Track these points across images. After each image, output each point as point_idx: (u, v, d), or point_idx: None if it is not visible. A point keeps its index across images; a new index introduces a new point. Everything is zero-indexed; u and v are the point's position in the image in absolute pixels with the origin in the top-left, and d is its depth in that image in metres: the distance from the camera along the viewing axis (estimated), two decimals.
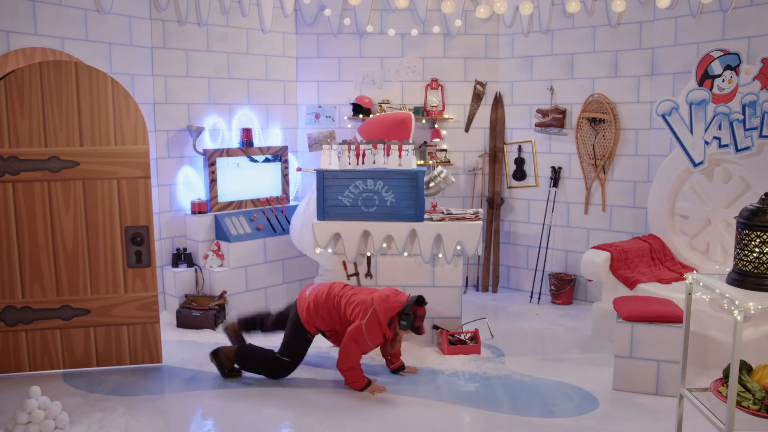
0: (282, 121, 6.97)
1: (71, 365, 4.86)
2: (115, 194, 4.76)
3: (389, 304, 4.40)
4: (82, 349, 4.86)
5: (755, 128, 5.10)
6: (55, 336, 4.80)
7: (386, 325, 4.39)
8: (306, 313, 4.54)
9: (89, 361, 4.89)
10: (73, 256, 4.75)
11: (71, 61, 4.70)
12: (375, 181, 5.14)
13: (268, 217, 6.48)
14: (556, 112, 6.60)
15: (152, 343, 4.96)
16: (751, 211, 3.13)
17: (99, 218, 4.76)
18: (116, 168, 4.74)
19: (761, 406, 3.10)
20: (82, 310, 4.82)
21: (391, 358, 4.78)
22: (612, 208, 6.46)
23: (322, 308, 4.54)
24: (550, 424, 4.02)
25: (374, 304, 4.39)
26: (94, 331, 4.86)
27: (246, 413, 4.18)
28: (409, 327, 4.42)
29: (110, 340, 4.90)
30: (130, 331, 4.91)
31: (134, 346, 4.93)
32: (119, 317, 4.88)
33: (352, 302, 4.49)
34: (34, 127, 4.59)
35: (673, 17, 5.83)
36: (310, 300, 4.57)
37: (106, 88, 4.68)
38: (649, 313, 4.41)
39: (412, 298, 4.45)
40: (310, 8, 6.80)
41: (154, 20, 5.89)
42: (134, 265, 4.83)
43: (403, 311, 4.39)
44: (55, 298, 4.76)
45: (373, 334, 4.36)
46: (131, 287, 4.87)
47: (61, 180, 4.66)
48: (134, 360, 4.94)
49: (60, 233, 4.71)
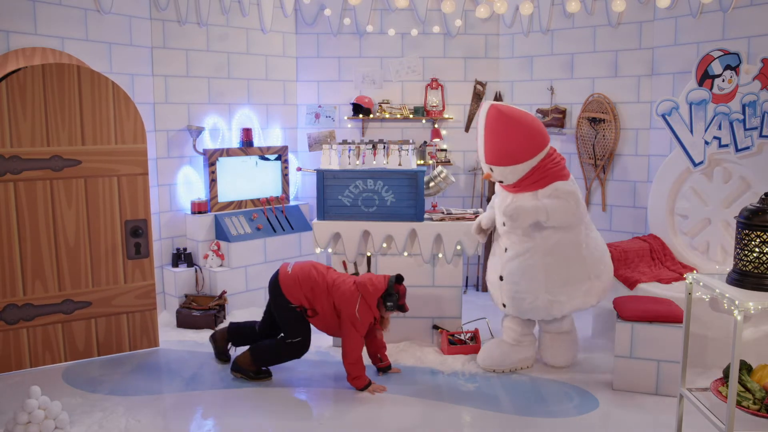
0: (282, 121, 6.97)
1: (73, 357, 5.01)
2: (116, 190, 5.02)
3: (374, 287, 4.46)
4: (83, 341, 5.04)
5: (755, 128, 5.10)
6: (57, 330, 4.93)
7: (376, 307, 4.48)
8: (289, 286, 4.51)
9: (90, 351, 5.07)
10: (75, 251, 4.93)
11: (73, 65, 4.83)
12: (375, 181, 5.14)
13: (268, 217, 6.48)
14: (556, 112, 6.60)
15: (150, 329, 5.28)
16: (751, 210, 3.13)
17: (100, 213, 4.98)
18: (117, 165, 5.00)
19: (761, 406, 3.10)
20: (84, 303, 5.00)
21: (379, 356, 4.80)
22: (612, 208, 6.46)
23: (306, 282, 4.51)
24: (550, 424, 4.02)
25: (360, 291, 4.45)
26: (95, 322, 5.07)
27: (246, 413, 4.18)
28: (395, 306, 4.50)
29: (111, 329, 5.13)
30: (129, 319, 5.19)
31: (133, 333, 5.22)
32: (119, 307, 5.14)
33: (337, 289, 4.50)
34: (36, 128, 4.71)
35: (673, 17, 5.83)
36: (294, 274, 4.55)
37: (107, 91, 4.93)
38: (649, 313, 4.41)
39: (391, 278, 4.51)
40: (310, 8, 6.80)
41: (154, 20, 5.89)
42: (134, 257, 5.12)
43: (387, 292, 4.46)
44: (56, 293, 4.91)
45: (364, 317, 4.45)
46: (131, 277, 5.15)
47: (64, 178, 4.83)
48: (133, 346, 5.22)
49: (62, 229, 4.86)
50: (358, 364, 4.46)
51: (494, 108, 4.46)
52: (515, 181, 4.61)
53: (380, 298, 4.47)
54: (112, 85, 4.93)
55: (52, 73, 4.71)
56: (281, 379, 4.70)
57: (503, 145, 4.49)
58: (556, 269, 4.59)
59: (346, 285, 4.51)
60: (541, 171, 4.56)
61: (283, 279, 4.54)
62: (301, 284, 4.51)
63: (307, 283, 4.52)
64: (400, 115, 6.91)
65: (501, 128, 4.47)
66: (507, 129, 4.46)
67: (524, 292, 4.64)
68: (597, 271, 4.70)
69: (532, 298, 4.64)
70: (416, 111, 6.93)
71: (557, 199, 4.54)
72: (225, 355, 4.98)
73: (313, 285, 4.52)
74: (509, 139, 4.47)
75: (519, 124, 4.46)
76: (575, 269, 4.62)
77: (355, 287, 4.47)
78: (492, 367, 4.82)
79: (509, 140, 4.46)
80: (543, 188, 4.57)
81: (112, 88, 4.92)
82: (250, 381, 4.59)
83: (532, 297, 4.63)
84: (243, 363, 4.61)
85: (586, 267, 4.65)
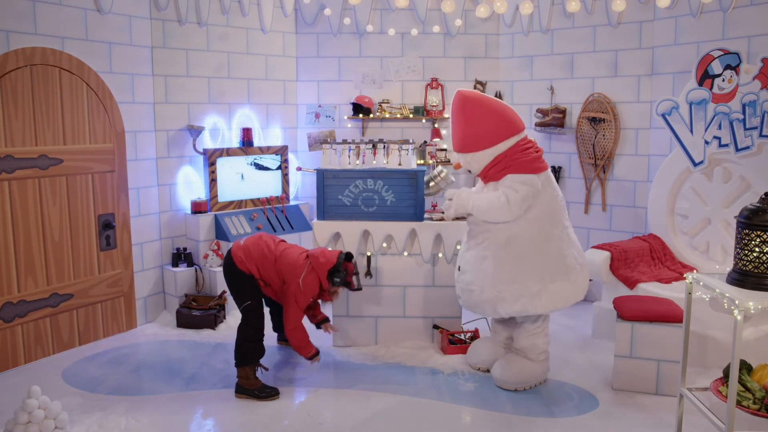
0: (282, 121, 6.97)
1: (60, 349, 5.22)
2: (90, 186, 5.38)
3: (326, 259, 4.48)
4: (68, 332, 5.29)
5: (755, 128, 5.10)
6: (46, 324, 5.11)
7: (326, 279, 4.49)
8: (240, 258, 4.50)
9: (73, 342, 5.33)
10: (60, 245, 5.19)
11: (56, 67, 5.05)
12: (375, 180, 5.14)
13: (268, 216, 6.48)
14: (556, 112, 6.60)
15: (119, 315, 5.68)
16: (751, 210, 3.13)
17: (79, 209, 5.31)
18: (91, 164, 5.37)
19: (761, 405, 3.10)
20: (68, 295, 5.27)
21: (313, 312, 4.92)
22: (612, 208, 6.46)
23: (255, 251, 4.52)
24: (550, 424, 4.02)
25: (311, 261, 4.47)
26: (76, 313, 5.34)
27: (246, 413, 4.18)
28: (342, 283, 4.52)
29: (89, 318, 5.44)
30: (103, 307, 5.54)
31: (106, 320, 5.57)
32: (95, 296, 5.47)
33: (284, 259, 4.50)
34: (26, 128, 4.88)
35: (673, 17, 5.83)
36: (245, 246, 4.56)
37: (82, 92, 5.26)
38: (649, 313, 4.41)
39: (341, 255, 4.53)
40: (310, 8, 6.80)
41: (154, 20, 5.89)
42: (105, 248, 5.51)
43: (335, 268, 4.48)
44: (45, 288, 5.10)
45: (309, 287, 4.46)
46: (103, 268, 5.53)
47: (49, 176, 5.07)
48: (107, 333, 5.58)
49: (49, 225, 5.10)
50: (298, 331, 4.51)
51: (459, 93, 4.40)
52: (481, 171, 4.47)
53: (329, 272, 4.50)
54: (86, 87, 5.25)
55: (38, 74, 4.93)
56: (281, 379, 4.70)
57: (465, 130, 4.39)
58: (505, 264, 4.32)
59: (293, 256, 4.53)
60: (507, 160, 4.34)
61: (235, 252, 4.56)
62: (252, 255, 4.52)
63: (257, 252, 4.53)
64: (400, 114, 6.91)
65: (464, 113, 4.36)
66: (470, 113, 4.34)
67: (473, 284, 4.44)
68: (555, 275, 4.31)
69: (479, 290, 4.40)
70: (416, 111, 6.93)
71: (491, 192, 4.34)
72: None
73: (262, 256, 4.52)
74: (471, 123, 4.35)
75: (482, 109, 4.33)
76: (526, 268, 4.30)
77: (306, 259, 4.50)
78: (477, 365, 4.82)
79: (471, 124, 4.35)
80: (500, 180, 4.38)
81: (86, 89, 5.25)
82: (257, 400, 4.37)
83: (479, 289, 4.40)
84: (241, 381, 4.46)
85: (541, 268, 4.30)
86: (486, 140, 4.33)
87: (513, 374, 4.48)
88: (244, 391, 4.41)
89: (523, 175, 4.30)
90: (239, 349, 4.45)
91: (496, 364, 4.61)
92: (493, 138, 4.32)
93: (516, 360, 4.54)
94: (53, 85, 5.03)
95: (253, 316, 4.49)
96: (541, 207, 4.35)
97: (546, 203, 4.37)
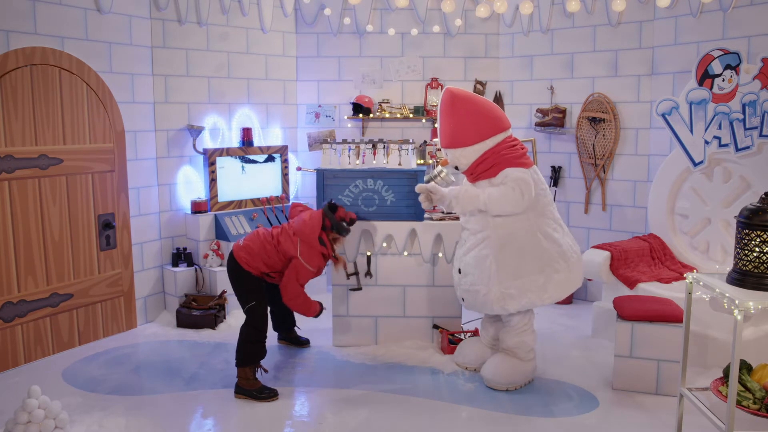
0: (282, 121, 6.97)
1: (59, 349, 5.22)
2: (90, 186, 5.39)
3: (310, 225, 4.49)
4: (67, 332, 5.29)
5: (755, 128, 5.10)
6: (46, 324, 5.11)
7: (319, 245, 4.49)
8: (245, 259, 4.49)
9: (73, 342, 5.33)
10: (60, 245, 5.19)
11: (56, 67, 5.05)
12: (375, 180, 5.14)
13: (267, 216, 6.48)
14: (556, 112, 6.60)
15: (119, 314, 5.67)
16: (751, 210, 3.13)
17: (79, 209, 5.31)
18: (91, 164, 5.38)
19: (761, 405, 3.10)
20: (67, 295, 5.27)
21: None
22: (612, 208, 6.46)
23: (259, 247, 4.52)
24: (550, 424, 4.02)
25: (298, 234, 4.49)
26: (76, 312, 5.34)
27: (246, 413, 4.18)
28: (338, 231, 4.57)
29: (88, 318, 5.44)
30: (102, 307, 5.54)
31: (106, 320, 5.57)
32: (95, 296, 5.47)
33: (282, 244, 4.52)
34: (26, 127, 4.89)
35: (673, 17, 5.83)
36: (246, 247, 4.55)
37: (82, 91, 5.26)
38: (649, 313, 4.41)
39: (325, 209, 4.58)
40: (310, 8, 6.80)
41: (154, 20, 5.89)
42: (105, 248, 5.51)
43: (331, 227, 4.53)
44: (45, 288, 5.10)
45: (311, 259, 4.48)
46: (104, 268, 5.53)
47: (49, 176, 5.08)
48: (107, 332, 5.58)
49: (49, 225, 5.10)
50: (299, 298, 4.53)
51: (447, 90, 4.43)
52: (468, 167, 4.49)
53: (327, 232, 4.51)
54: (86, 87, 5.25)
55: (38, 74, 4.93)
56: (281, 379, 4.70)
57: (452, 126, 4.41)
58: (508, 261, 4.35)
59: (286, 235, 4.55)
60: (495, 156, 4.36)
61: (238, 253, 4.54)
62: (255, 252, 4.52)
63: (259, 247, 4.53)
64: (400, 114, 6.91)
65: (451, 109, 4.40)
66: (457, 110, 4.37)
67: (478, 284, 4.44)
68: (555, 265, 4.39)
69: (485, 290, 4.40)
70: (416, 110, 6.93)
71: (501, 186, 4.33)
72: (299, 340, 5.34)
73: (264, 248, 4.52)
74: (457, 119, 4.38)
75: (468, 105, 4.37)
76: (528, 262, 4.35)
77: (293, 232, 4.51)
78: (465, 365, 4.84)
79: (457, 120, 4.38)
80: (495, 176, 4.37)
81: (86, 88, 5.25)
82: (256, 401, 4.35)
83: (485, 289, 4.40)
84: (240, 381, 4.45)
85: (542, 260, 4.36)
86: (474, 135, 4.36)
87: (505, 374, 4.50)
88: (244, 391, 4.40)
89: (519, 169, 4.35)
90: (241, 350, 4.45)
91: (486, 364, 4.61)
92: (481, 133, 4.36)
93: (506, 360, 4.55)
94: (53, 85, 5.03)
95: (257, 317, 4.48)
96: (535, 200, 4.40)
97: (539, 197, 4.44)
